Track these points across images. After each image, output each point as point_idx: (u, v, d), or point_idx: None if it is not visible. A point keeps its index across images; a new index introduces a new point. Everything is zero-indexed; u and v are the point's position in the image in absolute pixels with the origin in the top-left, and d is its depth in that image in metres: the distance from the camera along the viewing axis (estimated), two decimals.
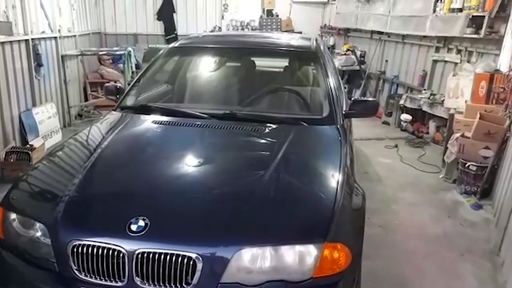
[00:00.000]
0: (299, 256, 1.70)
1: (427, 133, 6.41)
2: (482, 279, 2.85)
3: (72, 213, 1.83)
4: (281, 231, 1.77)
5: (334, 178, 2.10)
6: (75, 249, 1.71)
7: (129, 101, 3.07)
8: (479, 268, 2.97)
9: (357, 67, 8.39)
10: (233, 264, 1.66)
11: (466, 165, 4.19)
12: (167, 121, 2.71)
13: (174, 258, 1.64)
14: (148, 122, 2.70)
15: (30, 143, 4.88)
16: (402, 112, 6.82)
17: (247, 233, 1.73)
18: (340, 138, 2.62)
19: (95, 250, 1.69)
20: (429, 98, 6.22)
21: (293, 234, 1.77)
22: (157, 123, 2.67)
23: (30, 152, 4.42)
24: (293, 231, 1.78)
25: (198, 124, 2.63)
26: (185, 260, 1.64)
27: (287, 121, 2.74)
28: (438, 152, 5.57)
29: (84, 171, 2.08)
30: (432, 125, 6.33)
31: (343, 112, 2.91)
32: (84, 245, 1.70)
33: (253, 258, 1.68)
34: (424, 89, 6.62)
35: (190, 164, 2.22)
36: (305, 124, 2.71)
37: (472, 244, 3.31)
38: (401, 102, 6.79)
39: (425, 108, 6.30)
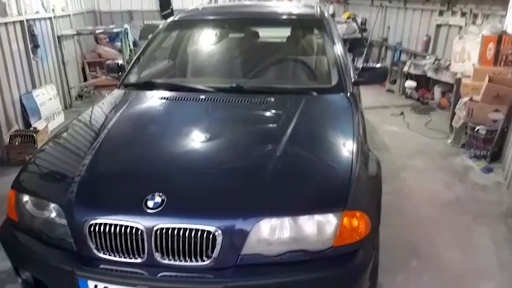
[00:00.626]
0: (318, 226, 1.68)
1: (433, 99, 6.34)
2: (497, 242, 2.84)
3: (86, 193, 1.80)
4: (299, 201, 1.74)
5: (348, 147, 2.05)
6: (92, 228, 1.69)
7: (132, 78, 3.00)
8: (493, 231, 2.97)
9: (359, 35, 8.23)
10: (253, 236, 1.64)
11: (475, 129, 4.14)
12: (173, 97, 2.65)
13: (193, 233, 1.62)
14: (154, 98, 2.64)
15: (33, 125, 4.83)
16: (406, 79, 6.73)
17: (265, 205, 1.70)
18: (351, 106, 2.56)
19: (112, 228, 1.67)
20: (433, 64, 6.12)
21: (311, 204, 1.74)
22: (163, 99, 2.62)
23: (34, 135, 4.38)
24: (311, 201, 1.75)
25: (204, 99, 2.58)
26: (205, 234, 1.62)
27: (296, 92, 2.69)
28: (444, 117, 5.52)
29: (93, 151, 2.04)
30: (437, 90, 6.26)
31: (352, 80, 2.85)
32: (101, 224, 1.68)
33: (272, 230, 1.66)
34: (428, 55, 6.51)
35: (200, 139, 2.17)
36: (314, 93, 2.65)
37: (485, 207, 3.30)
38: (405, 69, 6.68)
39: (429, 74, 6.21)
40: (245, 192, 1.75)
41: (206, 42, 3.52)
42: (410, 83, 6.56)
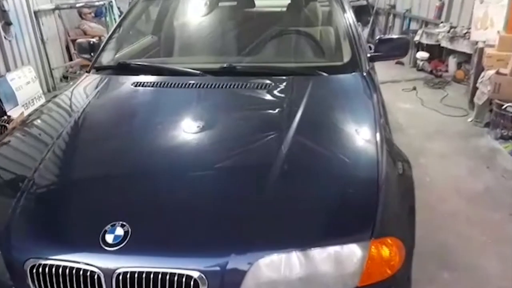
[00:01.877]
0: (338, 260, 1.24)
1: (446, 71, 5.82)
2: None
3: (27, 221, 1.36)
4: (310, 228, 1.30)
5: (371, 149, 1.58)
6: (34, 270, 1.26)
7: (106, 59, 2.51)
8: None
9: (364, 2, 7.66)
10: (250, 279, 1.20)
11: (503, 107, 3.65)
12: (151, 82, 2.16)
13: (168, 277, 1.19)
14: (128, 86, 2.16)
15: (8, 113, 4.36)
16: (418, 50, 6.20)
17: (266, 235, 1.26)
18: (369, 89, 2.09)
19: (60, 270, 1.24)
20: (448, 32, 5.58)
21: (327, 231, 1.29)
22: (139, 86, 2.13)
23: (6, 125, 3.92)
24: (326, 227, 1.30)
25: (190, 84, 2.10)
26: (184, 280, 1.19)
27: (301, 72, 2.20)
28: (461, 92, 5.03)
29: (42, 161, 1.58)
30: (452, 61, 5.72)
31: (368, 55, 2.37)
32: (46, 265, 1.25)
33: (276, 268, 1.22)
34: (442, 22, 5.95)
35: (181, 140, 1.71)
36: (323, 73, 2.17)
37: None
38: (416, 38, 6.14)
39: (444, 43, 5.67)
40: (239, 220, 1.30)
41: (192, 13, 2.99)
42: (422, 54, 6.03)
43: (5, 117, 4.23)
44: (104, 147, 1.72)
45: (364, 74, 2.21)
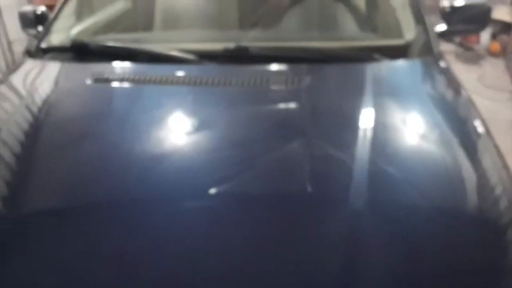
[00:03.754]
0: None
1: (478, 43, 5.05)
2: None
3: None
4: None
5: (491, 179, 1.03)
6: None
7: (56, 37, 1.73)
8: None
9: None
10: None
11: None
12: (122, 76, 1.41)
13: None
14: (86, 82, 1.40)
15: None
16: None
17: None
18: (453, 84, 1.40)
19: None
20: None
21: None
22: (104, 81, 1.38)
23: None
24: None
25: (181, 78, 1.36)
26: None
27: (345, 56, 1.46)
28: (500, 68, 4.31)
29: None
30: (485, 32, 4.96)
31: (435, 31, 1.64)
32: None
33: None
34: None
35: (175, 179, 1.02)
36: (378, 58, 1.42)
37: None
38: (443, 3, 5.32)
39: None
40: None
41: None
42: None
43: None
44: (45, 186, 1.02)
45: (440, 61, 1.49)
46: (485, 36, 4.92)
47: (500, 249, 0.90)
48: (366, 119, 1.16)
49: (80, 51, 1.57)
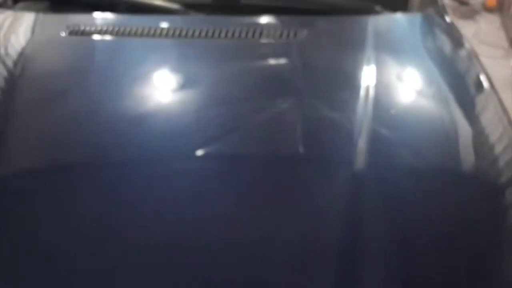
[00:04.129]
0: None
1: None
2: None
3: None
4: None
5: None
6: None
7: None
8: None
9: None
10: None
11: None
12: (100, 28, 1.28)
13: None
14: (62, 33, 1.27)
15: None
16: None
17: None
18: (456, 37, 1.33)
19: None
20: None
21: None
22: (80, 34, 1.26)
23: None
24: None
25: (164, 30, 1.25)
26: None
27: (345, 7, 1.36)
28: (495, 24, 4.20)
29: None
30: None
31: None
32: None
33: None
34: None
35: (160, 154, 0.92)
36: (381, 9, 1.32)
37: None
38: None
39: None
40: None
41: None
42: None
43: None
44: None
45: (443, 13, 1.40)
46: None
47: (499, 210, 0.86)
48: (364, 76, 1.08)
49: (55, 0, 1.44)
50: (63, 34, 1.25)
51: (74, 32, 1.25)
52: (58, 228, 0.77)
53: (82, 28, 1.26)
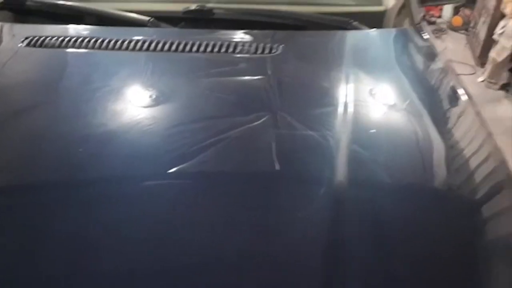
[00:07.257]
0: None
1: (440, 16, 5.06)
2: None
3: None
4: None
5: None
6: None
7: None
8: None
9: None
10: None
11: None
12: (61, 40, 1.18)
13: None
14: (19, 44, 1.16)
15: None
16: None
17: None
18: (433, 53, 1.32)
19: None
20: None
21: None
22: (38, 46, 1.16)
23: None
24: None
25: (131, 43, 1.16)
26: None
27: (322, 22, 1.31)
28: (461, 43, 4.33)
29: None
30: (447, 6, 4.96)
31: None
32: None
33: None
34: None
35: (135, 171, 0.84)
36: (358, 25, 1.29)
37: None
38: None
39: None
40: None
41: None
42: None
43: None
44: None
45: (420, 29, 1.39)
46: (447, 10, 4.93)
47: (476, 225, 0.83)
48: (341, 92, 1.04)
49: (15, 10, 1.35)
50: (20, 44, 1.15)
51: (32, 44, 1.15)
52: (27, 247, 0.68)
53: (41, 39, 1.16)
